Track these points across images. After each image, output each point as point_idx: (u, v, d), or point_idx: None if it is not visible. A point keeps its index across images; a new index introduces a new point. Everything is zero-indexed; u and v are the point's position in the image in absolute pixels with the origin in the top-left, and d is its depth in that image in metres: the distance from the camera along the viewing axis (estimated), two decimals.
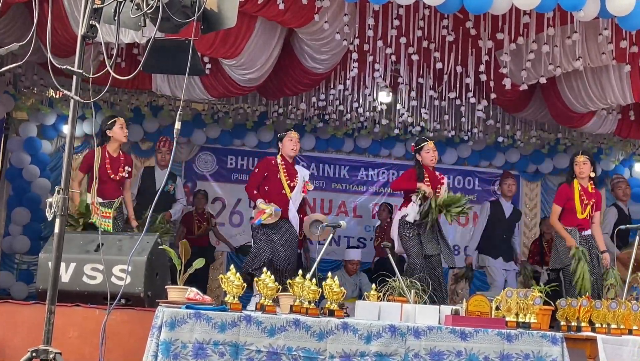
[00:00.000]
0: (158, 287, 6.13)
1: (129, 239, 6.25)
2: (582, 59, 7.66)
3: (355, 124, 11.03)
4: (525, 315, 5.58)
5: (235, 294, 5.10)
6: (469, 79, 8.43)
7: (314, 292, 5.22)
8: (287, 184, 7.97)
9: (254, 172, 8.16)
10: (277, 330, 4.98)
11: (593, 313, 5.82)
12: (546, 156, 12.19)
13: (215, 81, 8.55)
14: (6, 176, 10.88)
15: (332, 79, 9.24)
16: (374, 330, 5.12)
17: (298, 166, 8.45)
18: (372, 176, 12.37)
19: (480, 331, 5.25)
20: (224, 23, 3.97)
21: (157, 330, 4.86)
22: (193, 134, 11.46)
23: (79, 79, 3.80)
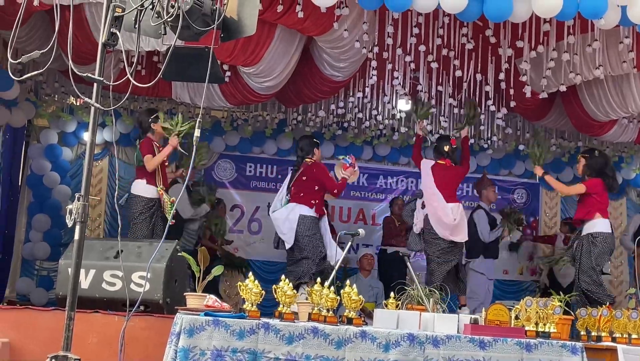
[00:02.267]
0: (177, 294, 6.16)
1: (148, 246, 6.28)
2: (603, 67, 7.63)
3: (374, 132, 11.02)
4: (544, 325, 5.55)
5: (253, 302, 5.10)
6: (489, 87, 8.40)
7: (332, 300, 5.23)
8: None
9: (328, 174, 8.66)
10: (295, 337, 4.98)
11: (613, 323, 5.78)
12: (566, 164, 12.11)
13: (234, 88, 8.58)
14: (27, 183, 10.95)
15: (351, 86, 9.23)
16: (393, 338, 5.11)
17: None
18: (391, 184, 12.35)
19: (499, 341, 5.23)
20: (243, 31, 4.00)
21: (176, 337, 4.88)
22: (212, 141, 11.49)
23: (100, 86, 3.83)
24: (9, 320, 5.78)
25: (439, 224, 8.61)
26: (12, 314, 5.94)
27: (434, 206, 8.66)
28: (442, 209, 8.62)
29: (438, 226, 8.59)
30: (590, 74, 7.80)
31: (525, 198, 12.60)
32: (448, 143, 8.89)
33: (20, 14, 4.18)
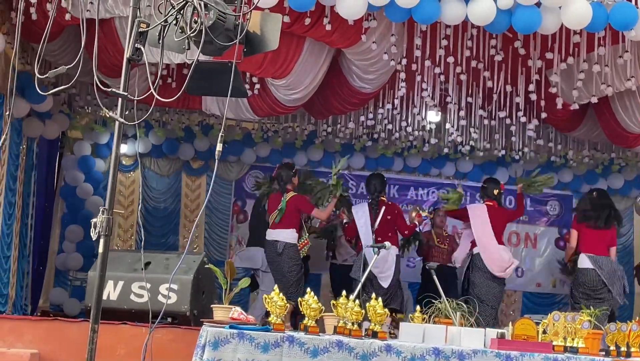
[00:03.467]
0: (204, 306, 6.20)
1: (176, 257, 6.33)
2: (635, 78, 7.52)
3: (404, 143, 10.99)
4: (573, 339, 5.48)
5: (278, 315, 5.11)
6: (519, 98, 8.33)
7: (357, 313, 5.21)
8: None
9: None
10: (320, 351, 4.98)
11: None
12: (600, 176, 11.96)
13: (261, 101, 8.63)
14: (61, 194, 11.10)
15: (381, 98, 9.21)
16: (418, 352, 5.09)
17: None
18: (422, 195, 12.29)
19: (526, 356, 5.18)
20: (266, 46, 4.02)
21: (201, 350, 4.91)
22: (243, 153, 11.55)
23: (124, 101, 3.87)
24: (38, 331, 5.87)
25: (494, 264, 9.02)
26: (41, 325, 6.03)
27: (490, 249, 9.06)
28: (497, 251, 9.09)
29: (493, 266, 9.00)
30: (622, 85, 7.70)
31: (558, 210, 12.46)
32: (498, 187, 9.40)
33: (48, 27, 4.24)
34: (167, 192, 11.76)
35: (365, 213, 9.16)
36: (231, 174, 11.85)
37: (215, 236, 11.77)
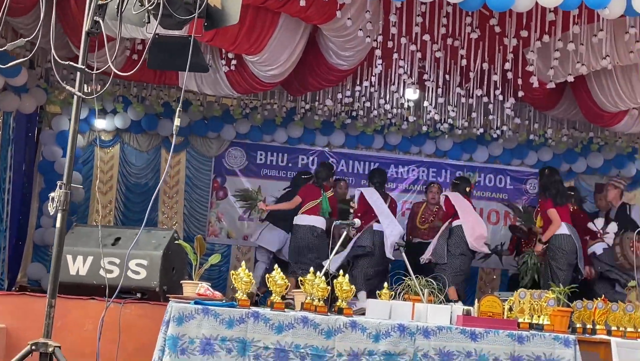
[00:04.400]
0: (174, 282, 6.19)
1: (146, 233, 6.31)
2: (610, 57, 7.51)
3: (383, 121, 10.97)
4: (539, 317, 5.52)
5: (244, 291, 5.12)
6: (496, 76, 8.32)
7: (323, 290, 5.23)
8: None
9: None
10: (285, 327, 5.00)
11: (609, 316, 5.72)
12: (579, 155, 11.99)
13: (239, 76, 8.58)
14: (39, 169, 11.03)
15: (359, 75, 9.19)
16: (383, 328, 5.11)
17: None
18: (402, 173, 12.28)
19: (490, 332, 5.21)
20: (227, 20, 3.98)
21: (166, 325, 4.93)
22: (222, 129, 11.52)
23: (82, 75, 3.84)
24: (6, 306, 5.86)
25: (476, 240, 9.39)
26: (9, 300, 6.02)
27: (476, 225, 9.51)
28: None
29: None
30: (597, 64, 7.69)
31: (537, 188, 12.48)
32: (469, 186, 9.98)
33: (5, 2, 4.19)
34: (146, 168, 11.71)
35: (379, 198, 9.67)
36: (211, 150, 11.81)
37: (194, 212, 11.75)
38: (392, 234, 9.36)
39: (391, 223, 9.53)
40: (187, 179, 11.82)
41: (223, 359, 4.88)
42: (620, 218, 10.05)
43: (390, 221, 9.54)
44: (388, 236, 9.32)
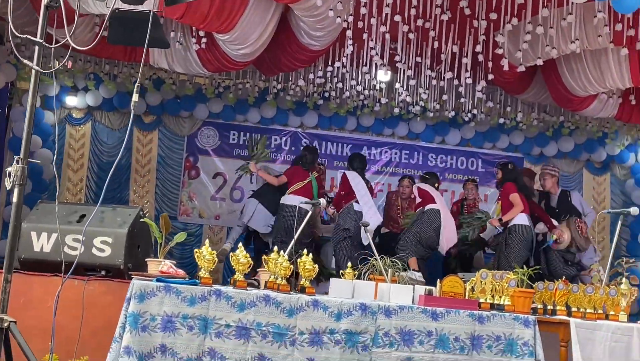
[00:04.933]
0: (140, 259, 6.16)
1: (112, 211, 6.28)
2: (579, 41, 7.56)
3: (356, 102, 10.97)
4: (500, 297, 5.57)
5: (207, 269, 5.12)
6: (466, 59, 8.33)
7: (286, 268, 5.24)
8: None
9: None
10: (247, 305, 5.01)
11: (570, 297, 5.78)
12: (550, 138, 12.09)
13: (211, 55, 8.54)
14: (9, 146, 10.93)
15: (331, 56, 9.17)
16: (345, 307, 5.13)
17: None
18: (375, 155, 12.33)
19: (451, 312, 5.24)
20: None
21: (127, 302, 4.91)
22: (195, 108, 11.49)
23: (41, 48, 3.81)
24: None
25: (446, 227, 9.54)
26: None
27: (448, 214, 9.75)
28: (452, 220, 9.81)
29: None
30: (567, 48, 7.73)
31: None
32: (437, 182, 10.21)
33: None
34: (117, 146, 11.65)
35: (362, 183, 9.68)
36: (183, 129, 11.80)
37: (166, 191, 11.74)
38: (370, 220, 9.35)
39: (371, 209, 9.57)
40: (159, 158, 11.79)
41: (184, 336, 4.88)
42: (563, 205, 10.18)
43: (370, 208, 9.57)
44: None
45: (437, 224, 9.36)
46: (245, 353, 4.96)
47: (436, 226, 9.36)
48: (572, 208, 10.18)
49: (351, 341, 5.10)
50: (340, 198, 9.63)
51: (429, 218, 9.33)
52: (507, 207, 9.34)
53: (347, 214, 9.39)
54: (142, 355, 4.79)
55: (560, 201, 10.38)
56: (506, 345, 5.27)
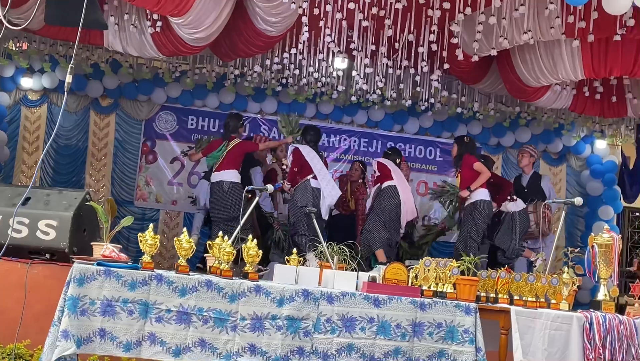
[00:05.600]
0: (86, 243, 6.11)
1: (57, 194, 6.21)
2: (532, 32, 7.61)
3: (314, 89, 10.94)
4: (443, 285, 5.62)
5: (149, 253, 5.10)
6: (421, 48, 8.34)
7: (229, 254, 5.23)
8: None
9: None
10: (188, 290, 5.00)
11: (512, 285, 5.85)
12: (507, 129, 12.19)
13: (165, 39, 8.45)
14: None
15: (288, 42, 9.14)
16: (287, 293, 5.14)
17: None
18: (333, 143, 12.34)
19: (393, 299, 5.29)
20: None
21: (67, 286, 4.87)
22: (153, 92, 11.41)
23: None
24: None
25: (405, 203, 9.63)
26: None
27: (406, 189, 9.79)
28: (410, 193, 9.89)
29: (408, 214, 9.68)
30: (520, 38, 7.78)
31: None
32: (400, 158, 10.13)
33: None
34: (74, 129, 11.54)
35: (316, 156, 9.63)
36: (141, 113, 11.71)
37: (122, 175, 11.65)
38: (330, 195, 9.41)
39: (329, 183, 9.55)
40: (116, 142, 11.69)
41: (124, 321, 4.86)
42: (533, 187, 10.33)
43: (328, 182, 9.55)
44: (326, 197, 9.35)
45: (396, 201, 9.46)
46: (185, 338, 4.96)
47: (396, 202, 9.46)
48: (540, 191, 10.35)
49: (293, 327, 5.12)
50: (294, 173, 9.52)
51: (387, 195, 9.42)
52: (470, 177, 9.46)
53: (304, 191, 9.33)
54: (81, 339, 4.76)
55: (531, 182, 10.64)
56: (447, 332, 5.34)
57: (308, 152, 9.52)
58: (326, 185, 9.45)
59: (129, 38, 8.67)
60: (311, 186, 9.35)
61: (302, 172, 9.42)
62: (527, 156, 10.55)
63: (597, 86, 9.33)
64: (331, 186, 9.55)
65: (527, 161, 10.60)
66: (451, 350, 5.31)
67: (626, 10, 6.75)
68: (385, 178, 9.64)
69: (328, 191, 9.39)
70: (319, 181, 9.39)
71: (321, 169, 9.48)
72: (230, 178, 9.49)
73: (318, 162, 9.49)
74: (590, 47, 8.03)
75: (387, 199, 9.51)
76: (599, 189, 12.31)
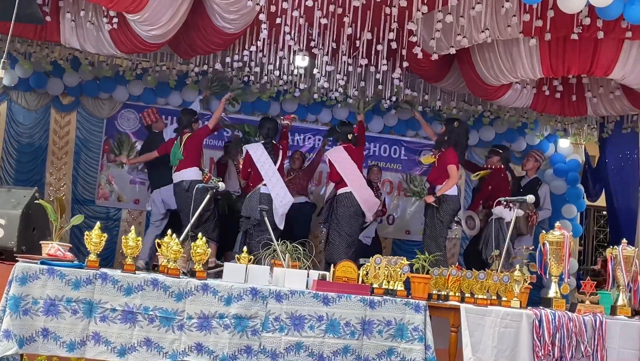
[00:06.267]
0: (35, 242, 6.03)
1: (6, 192, 6.13)
2: (490, 31, 7.62)
3: (276, 87, 10.88)
4: (395, 283, 5.60)
5: (94, 251, 5.04)
6: (380, 45, 8.31)
7: (176, 252, 5.18)
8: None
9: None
10: (134, 289, 4.95)
11: (463, 283, 5.85)
12: (472, 128, 12.13)
13: (123, 36, 8.36)
14: None
15: (248, 40, 9.07)
16: (235, 292, 5.11)
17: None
18: (298, 141, 12.27)
19: (343, 297, 5.27)
20: None
21: (9, 285, 4.80)
22: (115, 90, 11.31)
23: None
24: None
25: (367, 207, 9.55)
26: None
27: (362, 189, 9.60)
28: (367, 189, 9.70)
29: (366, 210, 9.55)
30: (478, 37, 7.78)
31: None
32: (351, 131, 9.89)
33: None
34: (35, 127, 11.40)
35: (264, 153, 9.44)
36: (103, 111, 11.58)
37: (84, 174, 11.51)
38: (282, 205, 9.25)
39: (280, 189, 9.35)
40: (77, 140, 11.55)
41: (68, 320, 4.80)
42: (529, 190, 10.34)
43: (280, 188, 9.35)
44: (278, 207, 9.22)
45: (353, 209, 9.38)
46: (131, 337, 4.91)
47: (353, 211, 9.37)
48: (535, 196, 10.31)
49: (241, 325, 5.09)
50: (248, 174, 9.47)
51: (343, 204, 9.35)
52: (440, 174, 9.42)
53: (249, 201, 9.28)
54: (23, 338, 4.70)
55: (529, 185, 10.82)
56: (396, 330, 5.33)
57: (259, 157, 9.40)
58: (277, 193, 9.26)
59: (86, 35, 8.56)
60: (261, 192, 9.27)
61: (254, 177, 9.38)
62: (532, 160, 10.94)
63: (557, 85, 9.37)
64: (283, 194, 9.32)
65: (531, 165, 10.99)
66: (400, 347, 5.30)
67: (581, 9, 6.81)
68: (339, 184, 9.54)
69: (279, 200, 9.22)
70: (268, 187, 9.27)
71: (270, 171, 9.32)
72: (190, 177, 9.38)
73: (269, 166, 9.33)
74: (548, 45, 8.06)
75: (342, 208, 9.41)
76: (562, 187, 12.35)
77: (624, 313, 5.87)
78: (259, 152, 9.43)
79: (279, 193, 9.29)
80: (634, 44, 8.01)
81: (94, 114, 11.57)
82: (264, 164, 9.34)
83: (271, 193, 9.21)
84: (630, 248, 6.01)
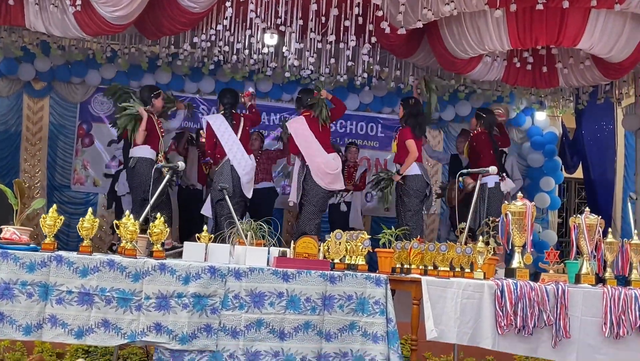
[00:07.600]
0: None
1: None
2: (455, 3, 7.58)
3: (248, 67, 10.80)
4: (356, 257, 5.59)
5: (49, 234, 5.01)
6: (348, 21, 8.25)
7: (132, 233, 5.15)
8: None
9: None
10: (90, 270, 4.93)
11: (426, 256, 5.84)
12: (448, 103, 12.15)
13: (87, 17, 8.27)
14: None
15: (214, 19, 8.98)
16: (193, 271, 5.09)
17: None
18: (273, 121, 12.24)
19: (303, 273, 5.25)
20: None
21: None
22: (87, 74, 11.23)
23: None
24: None
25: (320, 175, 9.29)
26: None
27: (316, 160, 9.30)
28: (324, 160, 9.31)
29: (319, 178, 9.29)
30: (443, 10, 7.73)
31: None
32: (311, 95, 9.58)
33: None
34: (7, 113, 11.33)
35: (224, 123, 9.31)
36: (76, 96, 11.53)
37: (58, 160, 11.47)
38: (244, 173, 9.13)
39: (242, 158, 9.17)
40: (51, 126, 11.50)
41: (23, 303, 4.78)
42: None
43: (241, 156, 9.18)
44: (242, 176, 9.12)
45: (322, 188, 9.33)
46: (88, 319, 4.89)
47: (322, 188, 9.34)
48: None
49: (200, 304, 5.07)
50: (214, 145, 9.31)
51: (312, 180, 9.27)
52: (403, 153, 9.41)
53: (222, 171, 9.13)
54: None
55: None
56: (357, 304, 5.32)
57: (219, 126, 9.26)
58: (238, 163, 9.11)
59: (50, 18, 8.46)
60: (231, 164, 9.11)
61: (217, 149, 9.24)
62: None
63: (527, 57, 9.30)
64: (244, 162, 9.14)
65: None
66: (362, 321, 5.29)
67: None
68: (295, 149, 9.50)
69: (241, 169, 9.09)
70: (229, 157, 9.10)
71: (230, 141, 9.16)
72: (139, 154, 9.22)
73: (228, 134, 9.18)
74: (515, 17, 8.01)
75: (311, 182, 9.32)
76: (540, 160, 12.36)
77: (587, 282, 5.86)
78: (219, 122, 9.31)
79: (240, 161, 9.13)
80: (600, 13, 7.98)
81: (67, 99, 11.52)
82: (223, 133, 9.20)
83: (232, 162, 9.04)
84: (592, 216, 5.99)
